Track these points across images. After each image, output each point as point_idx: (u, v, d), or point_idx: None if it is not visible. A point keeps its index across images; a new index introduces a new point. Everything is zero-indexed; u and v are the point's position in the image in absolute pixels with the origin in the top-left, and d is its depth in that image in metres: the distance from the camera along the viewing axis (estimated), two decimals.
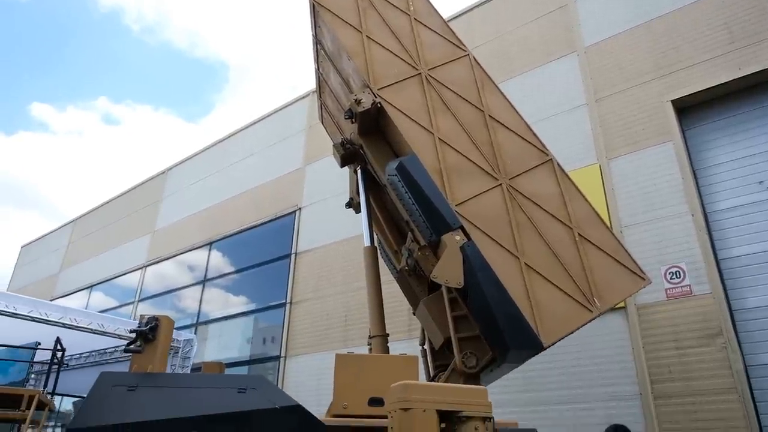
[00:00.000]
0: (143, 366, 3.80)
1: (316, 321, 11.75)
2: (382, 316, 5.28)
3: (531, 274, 4.46)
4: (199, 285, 16.13)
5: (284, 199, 14.31)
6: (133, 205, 21.35)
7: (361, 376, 3.93)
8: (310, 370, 11.14)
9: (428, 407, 2.68)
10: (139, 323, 3.89)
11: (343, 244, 12.02)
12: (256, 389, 3.63)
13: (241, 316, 14.55)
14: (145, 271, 18.87)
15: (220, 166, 17.61)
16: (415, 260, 5.28)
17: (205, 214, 17.04)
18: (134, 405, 3.56)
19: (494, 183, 4.85)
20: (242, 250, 15.17)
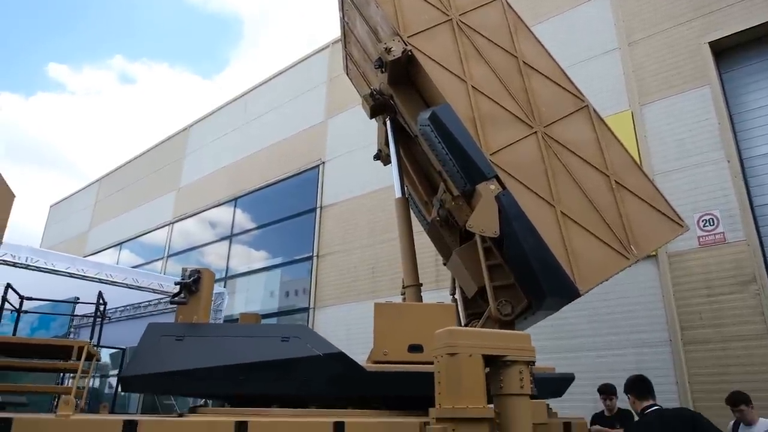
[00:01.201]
0: (188, 317, 3.92)
1: (343, 273, 11.92)
2: (415, 266, 5.32)
3: (567, 222, 4.42)
4: (226, 240, 16.41)
5: (307, 154, 14.30)
6: (157, 163, 21.55)
7: (400, 324, 4.00)
8: (339, 321, 11.40)
9: (474, 352, 2.73)
10: (182, 276, 3.99)
11: (368, 197, 12.04)
12: (299, 338, 3.73)
13: (268, 269, 14.84)
14: (172, 227, 19.21)
15: (241, 122, 17.58)
16: (448, 211, 5.28)
17: (229, 171, 17.14)
18: (182, 354, 3.69)
19: (529, 131, 4.76)
20: (267, 205, 15.32)
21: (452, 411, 2.63)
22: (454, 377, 2.69)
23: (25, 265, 9.35)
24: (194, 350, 3.70)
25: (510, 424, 2.73)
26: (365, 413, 3.63)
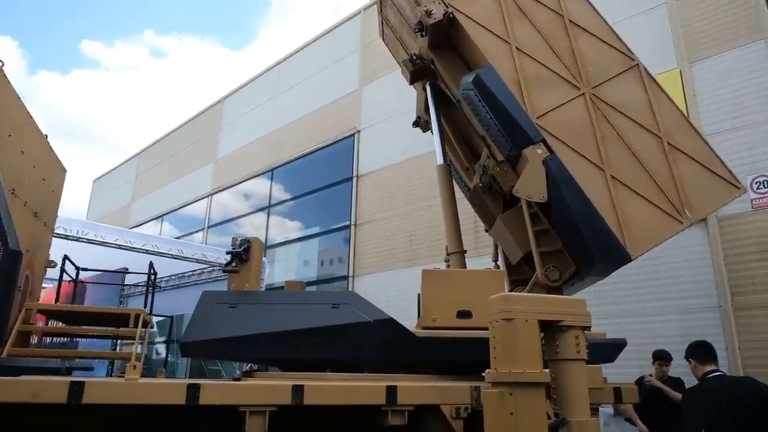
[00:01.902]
0: (240, 285, 4.02)
1: (381, 241, 11.99)
2: (459, 233, 5.31)
3: (617, 186, 4.32)
4: (264, 211, 16.66)
5: (342, 122, 14.25)
6: (194, 136, 21.87)
7: (449, 290, 4.01)
8: (378, 288, 11.52)
9: (530, 317, 2.73)
10: (232, 245, 4.08)
11: (405, 165, 11.98)
12: (349, 304, 3.80)
13: (306, 239, 15.04)
14: (211, 199, 19.59)
15: (275, 92, 17.60)
16: (491, 177, 5.21)
17: (264, 142, 17.27)
18: (236, 321, 3.81)
19: (576, 92, 4.62)
20: (303, 175, 15.42)
21: (509, 375, 2.65)
22: (510, 342, 2.70)
23: (76, 238, 9.74)
24: (247, 317, 3.81)
25: (567, 388, 2.73)
26: (416, 378, 3.70)
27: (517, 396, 2.60)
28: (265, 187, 16.93)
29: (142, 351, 5.75)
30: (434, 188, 10.07)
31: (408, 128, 7.11)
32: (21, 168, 4.43)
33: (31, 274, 5.08)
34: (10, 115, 4.10)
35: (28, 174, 4.59)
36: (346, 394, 3.25)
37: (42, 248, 5.36)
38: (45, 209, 5.20)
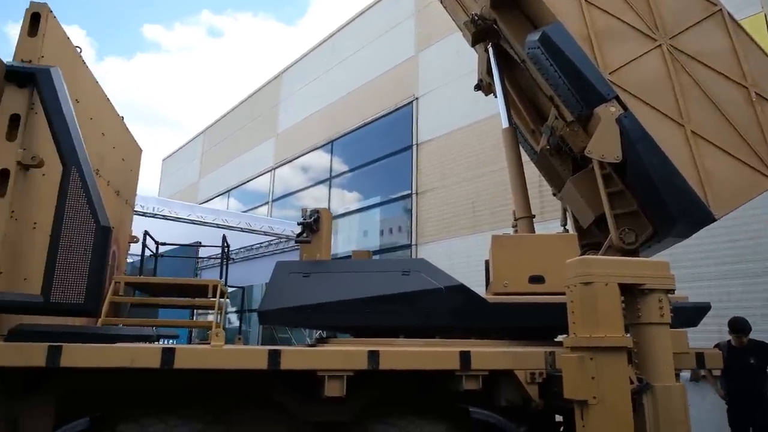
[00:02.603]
0: (312, 255, 4.12)
1: (443, 209, 11.94)
2: (527, 197, 5.19)
3: (698, 142, 4.07)
4: (325, 183, 16.92)
5: (400, 90, 14.13)
6: (254, 112, 22.34)
7: (520, 255, 3.95)
8: (441, 256, 11.53)
9: (610, 281, 2.65)
10: (303, 216, 4.17)
11: (466, 130, 11.78)
12: (420, 271, 3.82)
13: (368, 209, 15.19)
14: (273, 173, 20.08)
15: (331, 64, 17.63)
16: (560, 138, 5.03)
17: (323, 114, 17.42)
18: (310, 289, 3.91)
19: (652, 44, 4.34)
20: (362, 145, 15.50)
21: (588, 340, 2.60)
22: (590, 306, 2.64)
23: (152, 214, 10.27)
24: (320, 285, 3.90)
25: (650, 353, 2.66)
26: (489, 343, 3.69)
27: (598, 361, 2.55)
28: (325, 159, 17.15)
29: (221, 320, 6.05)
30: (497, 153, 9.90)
31: (468, 93, 6.97)
32: (102, 149, 4.68)
33: (117, 250, 5.41)
34: (90, 99, 4.32)
35: (108, 155, 4.85)
36: (420, 360, 3.30)
37: (125, 225, 5.68)
38: (125, 188, 5.48)
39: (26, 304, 3.02)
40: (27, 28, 3.38)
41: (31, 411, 3.15)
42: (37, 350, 2.89)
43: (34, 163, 3.23)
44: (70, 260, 3.02)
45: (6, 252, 3.10)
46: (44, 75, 3.24)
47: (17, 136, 3.20)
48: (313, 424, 3.55)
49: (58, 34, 3.66)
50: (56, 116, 3.20)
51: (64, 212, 3.07)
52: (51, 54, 3.49)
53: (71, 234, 3.06)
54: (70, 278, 3.00)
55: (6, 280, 3.11)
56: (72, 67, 3.88)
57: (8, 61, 3.28)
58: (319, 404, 3.39)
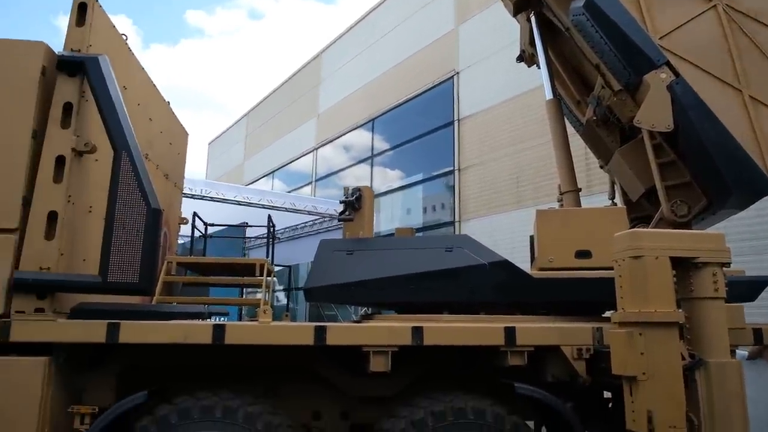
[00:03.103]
0: (355, 232, 4.15)
1: (486, 184, 11.79)
2: (572, 171, 5.05)
3: (758, 107, 3.85)
4: (367, 162, 16.96)
5: (440, 65, 13.91)
6: (295, 93, 22.51)
7: (566, 230, 3.87)
8: (484, 232, 11.42)
9: (661, 254, 2.56)
10: (345, 194, 4.20)
11: (508, 104, 11.52)
12: (463, 247, 3.79)
13: (409, 187, 15.16)
14: (316, 153, 20.26)
15: (370, 42, 17.50)
16: (607, 108, 4.85)
17: (363, 92, 17.37)
18: (353, 266, 3.96)
19: (706, 5, 4.10)
20: (403, 123, 15.41)
21: (638, 315, 2.53)
22: (639, 281, 2.56)
23: (201, 196, 10.57)
24: (364, 263, 3.94)
25: (703, 328, 2.57)
26: (534, 319, 3.66)
27: (648, 336, 2.49)
28: (366, 138, 17.16)
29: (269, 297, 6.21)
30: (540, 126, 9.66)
31: (510, 65, 6.80)
32: (150, 134, 4.82)
33: (168, 231, 5.60)
34: (137, 86, 4.44)
35: (156, 139, 4.99)
36: (465, 336, 3.30)
37: (174, 207, 5.86)
38: (173, 171, 5.65)
39: (86, 284, 3.18)
40: (75, 18, 3.48)
41: (94, 384, 3.34)
42: (98, 327, 3.05)
43: (87, 149, 3.36)
44: (124, 242, 3.15)
45: (65, 235, 3.25)
46: (92, 63, 3.34)
47: (71, 123, 3.33)
48: (359, 398, 3.63)
49: (104, 23, 3.76)
50: (105, 103, 3.30)
51: (116, 196, 3.20)
52: (98, 43, 3.59)
53: (124, 217, 3.18)
54: (125, 259, 3.13)
55: (66, 262, 3.28)
56: (119, 55, 3.99)
57: (59, 52, 3.40)
58: (365, 379, 3.45)
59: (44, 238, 3.15)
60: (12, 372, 2.95)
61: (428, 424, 3.15)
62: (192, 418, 3.01)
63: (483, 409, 3.21)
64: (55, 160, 3.25)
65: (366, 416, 3.61)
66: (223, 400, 3.10)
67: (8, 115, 3.24)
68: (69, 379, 3.23)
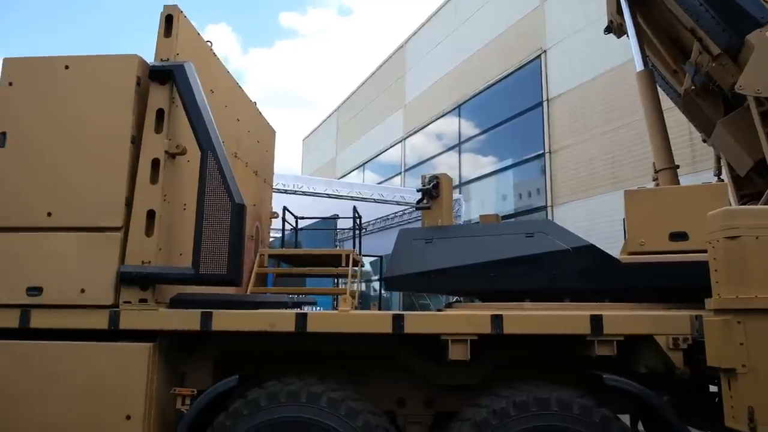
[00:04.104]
0: (433, 220, 4.13)
1: (580, 166, 11.24)
2: (668, 146, 4.68)
3: None
4: (455, 149, 16.77)
5: (526, 45, 13.42)
6: (382, 85, 22.72)
7: (658, 210, 3.60)
8: (578, 216, 10.93)
9: (762, 234, 2.31)
10: (422, 183, 4.19)
11: (600, 79, 10.88)
12: (545, 233, 3.65)
13: (499, 172, 14.81)
14: (404, 144, 20.36)
15: (453, 26, 17.24)
16: (706, 75, 4.44)
17: (449, 79, 17.18)
18: (432, 255, 3.94)
19: None
20: (490, 107, 15.06)
21: (735, 301, 2.31)
22: (736, 263, 2.33)
23: (293, 191, 11.02)
24: (443, 251, 3.91)
25: None
26: (624, 306, 3.44)
27: (748, 325, 2.26)
28: (453, 124, 16.97)
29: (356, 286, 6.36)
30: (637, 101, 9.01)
31: (600, 39, 6.41)
32: (238, 134, 5.08)
33: (260, 225, 5.89)
34: (223, 88, 4.69)
35: (244, 138, 5.26)
36: (547, 324, 3.18)
37: (265, 202, 6.15)
38: (263, 168, 5.92)
39: (181, 276, 3.43)
40: (163, 30, 3.74)
41: (194, 368, 3.61)
42: (193, 316, 3.28)
43: (179, 151, 3.61)
44: (212, 236, 3.36)
45: (162, 232, 3.53)
46: (179, 70, 3.58)
47: (163, 128, 3.59)
48: (443, 386, 3.62)
49: (189, 31, 4.01)
50: (192, 106, 3.53)
51: (204, 193, 3.41)
52: (185, 51, 3.84)
53: (212, 212, 3.39)
54: (214, 252, 3.34)
55: (164, 256, 3.56)
56: (205, 61, 4.24)
57: (150, 62, 3.68)
58: (446, 367, 3.44)
59: (144, 235, 3.43)
60: (122, 356, 3.26)
61: (510, 413, 3.08)
62: (279, 401, 3.16)
63: (568, 401, 3.08)
64: (151, 163, 3.52)
65: (450, 404, 3.60)
66: (307, 386, 3.22)
67: (110, 124, 3.55)
68: (172, 363, 3.51)
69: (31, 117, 3.63)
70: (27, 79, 3.70)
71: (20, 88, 3.69)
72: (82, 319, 3.32)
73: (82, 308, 3.33)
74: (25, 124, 3.63)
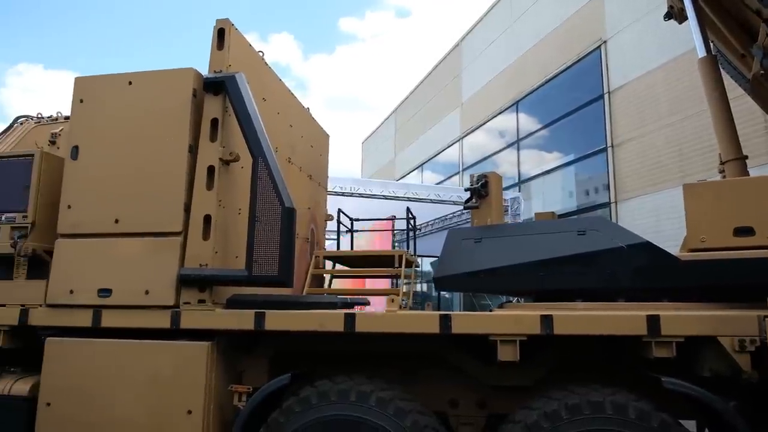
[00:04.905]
0: (483, 220, 4.09)
1: (645, 159, 10.75)
2: (734, 135, 4.41)
3: None
4: (513, 146, 16.45)
5: (584, 36, 12.98)
6: (438, 85, 22.63)
7: (721, 204, 3.39)
8: (645, 213, 10.45)
9: None
10: (470, 182, 4.16)
11: (665, 68, 10.37)
12: (597, 230, 3.54)
13: (560, 168, 14.39)
14: (461, 143, 20.19)
15: (509, 22, 16.93)
16: None
17: (505, 75, 16.88)
18: (482, 255, 3.90)
19: None
20: (549, 102, 14.67)
21: None
22: None
23: (350, 194, 11.18)
24: (492, 250, 3.86)
25: None
26: (684, 306, 3.28)
27: None
28: (511, 121, 16.66)
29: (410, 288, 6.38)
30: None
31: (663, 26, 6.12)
32: (291, 139, 5.23)
33: (315, 227, 6.03)
34: (275, 96, 4.85)
35: (298, 143, 5.40)
36: (600, 324, 3.08)
37: (320, 205, 6.29)
38: (317, 171, 6.06)
39: (235, 277, 3.58)
40: (215, 43, 3.92)
41: (251, 366, 3.76)
42: (247, 316, 3.42)
43: (232, 158, 3.77)
44: (264, 239, 3.49)
45: (219, 235, 3.69)
46: (231, 81, 3.74)
47: (217, 136, 3.76)
48: (495, 388, 3.58)
49: (241, 43, 4.17)
50: (243, 115, 3.67)
51: (256, 197, 3.55)
52: (237, 62, 4.00)
53: (263, 216, 3.52)
54: (266, 254, 3.46)
55: (221, 259, 3.72)
56: (256, 70, 4.40)
57: (205, 74, 3.86)
58: (498, 368, 3.40)
59: (202, 239, 3.61)
60: (183, 354, 3.45)
61: (562, 416, 3.00)
62: (329, 399, 3.23)
63: (624, 404, 2.96)
64: (206, 170, 3.69)
65: (504, 406, 3.54)
66: (357, 385, 3.27)
67: (169, 134, 3.76)
68: (230, 361, 3.67)
69: (100, 131, 3.91)
70: (95, 96, 3.98)
71: (90, 104, 3.98)
72: (147, 318, 3.53)
73: (146, 309, 3.55)
74: (94, 138, 3.91)
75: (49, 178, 4.07)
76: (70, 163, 3.90)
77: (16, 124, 5.60)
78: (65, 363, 3.58)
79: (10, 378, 3.80)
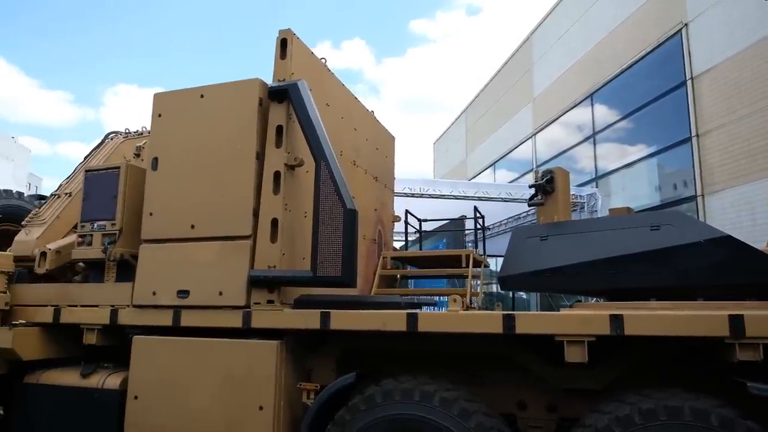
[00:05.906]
0: (549, 217, 3.99)
1: (736, 147, 9.98)
2: None
3: None
4: (589, 140, 15.81)
5: (663, 20, 12.25)
6: (508, 81, 22.16)
7: None
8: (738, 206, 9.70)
9: None
10: (535, 178, 4.06)
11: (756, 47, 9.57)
12: (672, 225, 3.35)
13: (640, 161, 13.65)
14: (534, 139, 19.65)
15: (580, 11, 16.28)
16: None
17: (579, 67, 16.26)
18: (548, 252, 3.80)
19: None
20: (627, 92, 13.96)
21: None
22: None
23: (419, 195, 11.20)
24: (559, 248, 3.75)
25: None
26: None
27: None
28: (586, 114, 16.01)
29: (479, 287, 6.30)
30: None
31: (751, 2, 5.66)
32: (356, 142, 5.32)
33: (382, 228, 6.10)
34: (339, 101, 4.95)
35: (363, 146, 5.49)
36: (675, 324, 2.90)
37: (387, 206, 6.35)
38: (382, 173, 6.12)
39: (301, 278, 3.70)
40: (279, 53, 4.07)
41: (319, 364, 3.86)
42: (313, 316, 3.52)
43: (296, 163, 3.89)
44: (328, 240, 3.58)
45: (286, 238, 3.83)
46: (294, 89, 3.87)
47: (282, 142, 3.90)
48: (566, 391, 3.47)
49: (303, 51, 4.31)
50: (305, 121, 3.79)
51: (319, 200, 3.65)
52: (299, 70, 4.13)
53: (327, 218, 3.61)
54: (330, 255, 3.55)
55: (288, 261, 3.86)
56: (319, 77, 4.52)
57: (270, 84, 4.02)
58: (567, 370, 3.29)
59: (270, 242, 3.75)
60: (254, 352, 3.60)
61: (635, 422, 2.85)
62: (394, 399, 3.25)
63: (706, 410, 2.77)
64: (273, 175, 3.84)
65: (576, 410, 3.42)
66: (421, 384, 3.28)
67: (238, 142, 3.95)
68: (299, 359, 3.79)
69: (176, 142, 4.17)
70: (171, 110, 4.26)
71: (167, 118, 4.26)
72: (221, 318, 3.73)
73: (220, 309, 3.74)
74: (171, 149, 4.17)
75: (133, 188, 4.39)
76: (151, 174, 4.18)
77: (107, 139, 6.08)
78: (150, 359, 3.84)
79: (104, 373, 4.13)
